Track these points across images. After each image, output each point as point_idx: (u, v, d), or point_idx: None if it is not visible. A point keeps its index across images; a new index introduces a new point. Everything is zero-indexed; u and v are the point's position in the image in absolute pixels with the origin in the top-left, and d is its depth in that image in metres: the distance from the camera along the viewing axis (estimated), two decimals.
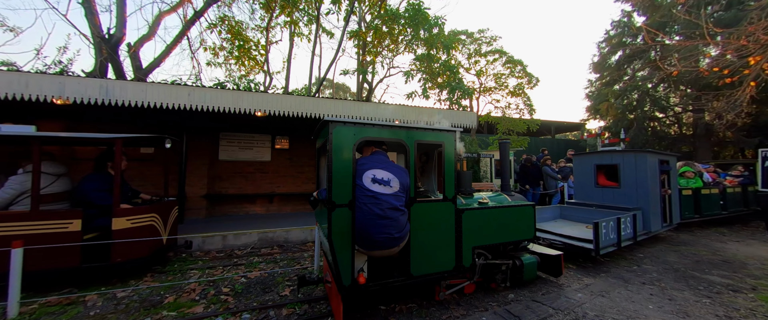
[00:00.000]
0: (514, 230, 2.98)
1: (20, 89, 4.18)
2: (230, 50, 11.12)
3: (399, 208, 2.13)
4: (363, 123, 2.34)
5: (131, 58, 9.19)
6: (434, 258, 2.52)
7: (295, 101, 5.52)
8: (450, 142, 2.62)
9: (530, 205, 3.11)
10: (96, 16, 8.24)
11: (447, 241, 2.58)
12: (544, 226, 4.81)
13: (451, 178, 2.58)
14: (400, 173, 2.25)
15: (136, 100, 4.61)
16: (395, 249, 2.15)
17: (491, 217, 2.86)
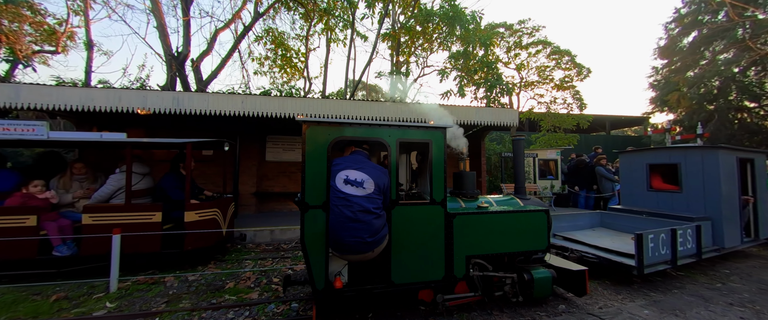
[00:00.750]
0: (520, 238, 2.56)
1: (115, 103, 5.06)
2: (274, 59, 12.04)
3: (372, 211, 2.01)
4: (338, 122, 2.25)
5: (194, 72, 10.47)
6: (420, 266, 2.31)
7: (333, 104, 5.79)
8: (438, 140, 2.39)
9: (542, 210, 2.64)
10: (167, 37, 9.58)
11: (435, 248, 2.34)
12: (577, 235, 4.18)
13: (439, 179, 2.37)
14: (376, 174, 2.12)
15: (201, 108, 5.26)
16: (369, 254, 2.04)
17: (491, 223, 2.49)
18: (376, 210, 2.04)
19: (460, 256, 2.41)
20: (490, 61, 9.43)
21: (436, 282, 2.36)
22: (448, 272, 2.38)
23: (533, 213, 2.63)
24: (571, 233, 4.32)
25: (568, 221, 4.64)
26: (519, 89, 15.50)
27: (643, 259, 3.11)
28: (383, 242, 2.11)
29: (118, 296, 3.02)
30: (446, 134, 2.45)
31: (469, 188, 2.81)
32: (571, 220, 4.69)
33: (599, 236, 4.31)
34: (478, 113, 6.36)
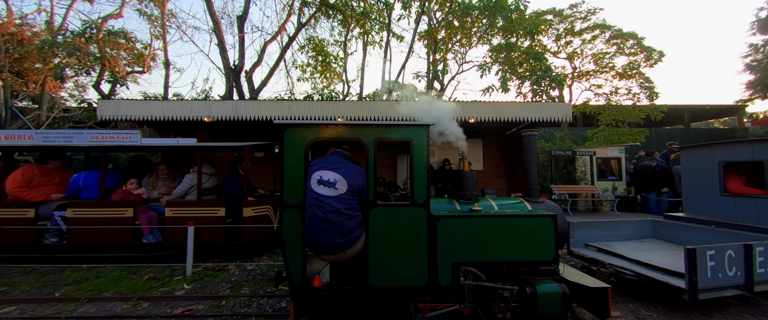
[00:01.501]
0: (520, 247, 2.26)
1: (187, 112, 5.85)
2: (315, 66, 12.75)
3: (343, 212, 1.99)
4: (315, 123, 2.31)
5: (247, 82, 11.59)
6: (399, 270, 2.21)
7: (370, 105, 5.91)
8: (421, 138, 2.26)
9: (547, 216, 2.30)
10: (226, 53, 10.76)
11: (416, 252, 2.21)
12: (618, 246, 3.49)
13: (421, 180, 2.24)
14: (350, 175, 2.09)
15: (255, 114, 5.80)
16: (342, 255, 2.04)
17: (482, 228, 2.24)
18: (348, 211, 2.02)
19: (446, 262, 2.22)
20: (537, 52, 8.70)
21: (417, 288, 2.24)
22: (431, 278, 2.21)
23: (536, 219, 2.28)
24: (609, 243, 3.61)
25: (609, 230, 3.87)
26: (571, 80, 14.02)
27: (697, 280, 2.47)
28: (356, 243, 2.08)
29: (193, 279, 3.48)
30: (429, 132, 2.30)
31: (468, 189, 2.64)
32: (612, 228, 3.88)
33: (647, 249, 3.54)
34: (524, 109, 5.91)
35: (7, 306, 2.83)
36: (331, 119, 5.99)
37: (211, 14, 10.64)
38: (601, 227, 3.85)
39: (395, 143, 2.66)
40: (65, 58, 11.73)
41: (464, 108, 5.68)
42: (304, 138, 2.26)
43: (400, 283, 2.23)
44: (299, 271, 2.17)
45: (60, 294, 3.08)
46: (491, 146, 8.00)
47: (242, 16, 11.09)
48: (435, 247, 2.23)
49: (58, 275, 3.61)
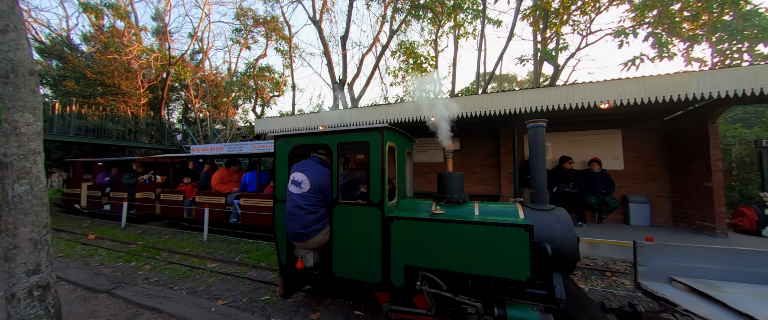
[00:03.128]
0: (484, 259, 1.93)
1: (307, 123, 7.14)
2: (406, 69, 13.14)
3: (303, 207, 2.33)
4: (294, 134, 2.61)
5: (349, 93, 13.16)
6: (358, 265, 2.28)
7: (465, 101, 5.51)
8: (375, 140, 2.27)
9: (519, 226, 1.86)
10: (332, 70, 12.59)
11: (372, 250, 2.23)
12: (730, 291, 1.98)
13: (376, 180, 2.22)
14: (313, 176, 2.39)
15: (357, 120, 6.48)
16: (306, 243, 2.37)
17: (438, 233, 2.03)
18: (308, 206, 2.33)
19: (398, 264, 2.15)
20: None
21: (372, 284, 2.25)
22: (384, 277, 2.20)
23: (504, 228, 1.89)
24: (714, 283, 2.10)
25: (729, 262, 2.15)
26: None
27: None
28: (317, 235, 2.34)
29: None
30: (384, 133, 2.25)
31: (452, 191, 2.45)
32: (737, 260, 2.13)
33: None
34: (701, 81, 4.04)
35: (212, 262, 4.22)
36: (423, 119, 5.98)
37: (322, 40, 12.69)
38: (714, 256, 2.21)
39: (349, 146, 2.64)
40: (238, 92, 16.72)
41: (591, 90, 4.43)
42: (287, 146, 2.63)
43: (358, 277, 2.30)
44: (284, 253, 2.57)
45: (238, 258, 4.35)
46: (637, 137, 5.94)
47: (344, 35, 12.70)
48: (388, 247, 2.19)
49: (237, 245, 5.12)
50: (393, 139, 2.49)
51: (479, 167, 7.56)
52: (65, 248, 4.98)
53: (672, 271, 2.19)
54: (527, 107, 4.83)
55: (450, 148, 2.69)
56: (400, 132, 2.74)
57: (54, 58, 13.83)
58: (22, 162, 1.93)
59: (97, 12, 14.45)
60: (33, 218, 1.94)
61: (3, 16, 1.89)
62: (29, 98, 1.97)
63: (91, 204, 8.51)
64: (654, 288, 2.13)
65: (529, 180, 5.77)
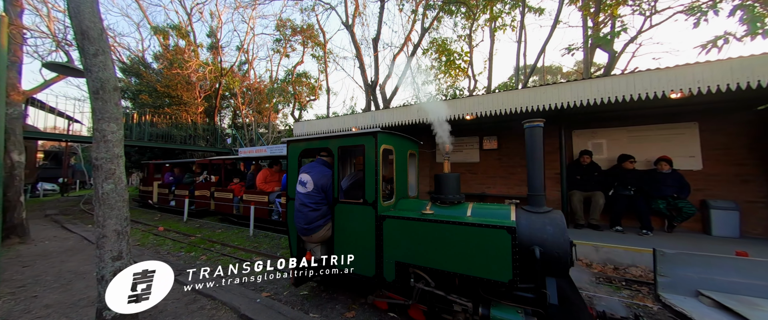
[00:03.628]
0: (469, 259, 1.92)
1: (342, 125, 7.36)
2: (439, 67, 12.84)
3: (307, 204, 2.55)
4: (303, 138, 2.85)
5: (381, 94, 13.28)
6: (356, 259, 2.43)
7: (503, 97, 5.17)
8: (370, 144, 2.41)
9: (501, 228, 1.83)
10: (364, 72, 12.81)
11: (367, 246, 2.39)
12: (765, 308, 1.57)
13: (371, 180, 2.37)
14: (317, 176, 2.60)
15: (389, 121, 6.49)
16: (311, 237, 2.59)
17: (425, 232, 2.12)
18: (312, 204, 2.55)
19: (390, 260, 2.29)
20: None
21: (367, 277, 2.40)
22: (378, 271, 2.35)
23: (486, 230, 1.91)
24: (749, 299, 1.77)
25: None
26: None
27: None
28: (319, 230, 2.56)
29: None
30: (377, 137, 2.38)
31: (448, 192, 2.46)
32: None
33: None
34: None
35: (257, 257, 4.56)
36: (457, 118, 5.76)
37: (354, 43, 13.00)
38: (754, 270, 1.84)
39: (348, 149, 2.76)
40: (278, 98, 17.92)
41: (658, 78, 3.81)
42: (297, 149, 2.91)
43: (356, 270, 2.43)
44: (295, 246, 2.83)
45: (279, 254, 4.64)
46: (720, 131, 4.96)
47: (376, 37, 12.85)
48: (381, 244, 2.31)
49: (279, 241, 5.46)
50: (390, 142, 2.58)
51: (520, 168, 7.05)
52: (141, 238, 5.80)
53: (700, 284, 1.92)
54: (576, 100, 4.36)
55: (448, 150, 2.71)
56: (400, 135, 2.79)
57: (132, 75, 16.27)
58: (109, 165, 2.27)
59: (164, 34, 16.67)
60: (117, 213, 2.28)
61: (94, 42, 2.26)
62: (114, 111, 2.32)
63: (160, 200, 9.82)
64: (673, 301, 1.86)
65: (579, 181, 5.24)
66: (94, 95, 2.27)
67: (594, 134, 5.88)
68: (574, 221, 5.24)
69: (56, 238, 5.68)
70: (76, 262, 4.18)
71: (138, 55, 17.15)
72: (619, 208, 4.89)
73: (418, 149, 3.34)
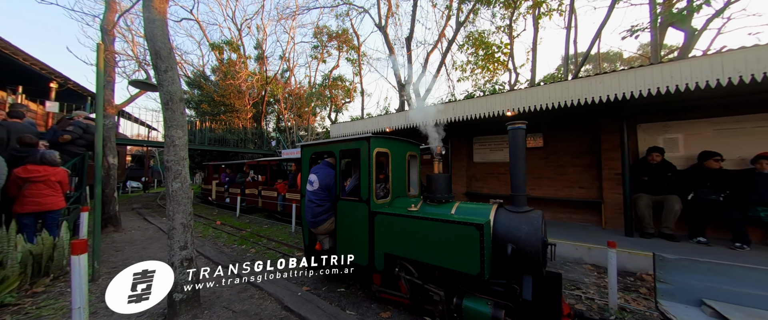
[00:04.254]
0: (445, 253, 2.10)
1: (376, 126, 7.45)
2: (475, 62, 12.26)
3: (313, 201, 2.92)
4: (313, 143, 3.29)
5: (415, 94, 13.14)
6: (354, 250, 2.71)
7: (550, 90, 4.72)
8: (364, 148, 2.65)
9: (471, 224, 1.96)
10: (398, 72, 12.81)
11: (362, 238, 2.65)
12: None
13: (365, 180, 2.62)
14: (322, 177, 2.94)
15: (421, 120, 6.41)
16: (317, 230, 2.97)
17: (409, 227, 2.31)
18: (317, 201, 2.89)
19: (380, 251, 2.51)
20: None
21: (362, 267, 2.64)
22: (371, 261, 2.58)
23: (459, 226, 2.03)
24: (759, 312, 1.56)
25: None
26: None
27: None
28: (323, 224, 2.90)
29: None
30: (370, 142, 2.61)
31: (438, 191, 2.60)
32: None
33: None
34: None
35: (298, 251, 4.85)
36: (496, 115, 5.42)
37: (387, 44, 13.08)
38: (762, 278, 1.62)
39: (349, 152, 2.94)
40: (316, 102, 18.87)
41: (755, 58, 3.09)
42: (308, 153, 3.34)
43: (354, 260, 2.70)
44: (307, 237, 3.27)
45: None
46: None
47: (409, 36, 12.76)
48: (373, 236, 2.55)
49: None
50: (384, 145, 2.78)
51: (570, 168, 6.38)
52: (202, 230, 6.57)
53: (705, 293, 1.79)
54: (643, 88, 3.79)
55: (439, 151, 2.87)
56: (396, 139, 2.99)
57: (195, 87, 18.57)
58: (176, 166, 2.61)
59: (219, 49, 18.71)
60: (183, 208, 2.61)
61: (164, 60, 2.61)
62: (180, 119, 2.66)
63: (218, 197, 11.05)
64: (670, 309, 1.74)
65: (647, 183, 4.55)
66: (164, 106, 2.63)
67: (666, 128, 5.05)
68: (640, 229, 4.57)
69: (139, 228, 6.74)
70: (154, 249, 4.91)
71: (199, 70, 19.52)
72: (703, 215, 4.10)
73: (419, 151, 3.56)
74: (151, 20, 2.59)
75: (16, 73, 7.76)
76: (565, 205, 6.32)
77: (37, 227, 3.64)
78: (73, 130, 5.10)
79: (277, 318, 2.62)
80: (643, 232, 4.52)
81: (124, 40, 9.18)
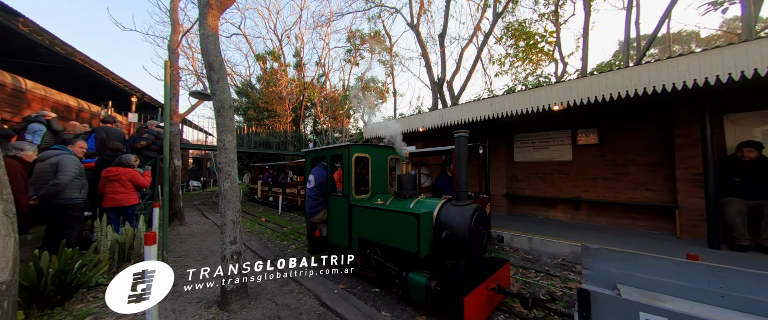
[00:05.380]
0: (395, 236, 2.73)
1: (408, 126, 7.37)
2: (515, 53, 11.45)
3: (309, 196, 3.70)
4: (313, 150, 4.06)
5: (449, 91, 12.74)
6: (341, 236, 3.39)
7: (606, 80, 4.15)
8: (346, 154, 3.24)
9: (411, 214, 2.57)
10: (430, 70, 12.53)
11: (344, 226, 3.31)
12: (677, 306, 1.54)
13: (348, 179, 3.22)
14: (317, 176, 3.69)
15: (458, 119, 6.15)
16: (314, 218, 3.75)
17: (373, 216, 2.96)
18: (313, 196, 3.66)
19: (356, 236, 3.16)
20: None
21: (344, 249, 3.35)
22: (350, 244, 3.25)
23: (403, 215, 2.66)
24: (667, 297, 1.75)
25: (700, 280, 1.70)
26: None
27: None
28: (318, 214, 3.68)
29: None
30: (350, 150, 3.23)
31: (404, 188, 3.15)
32: (706, 279, 1.67)
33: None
34: None
35: None
36: (542, 109, 4.96)
37: (420, 42, 12.89)
38: (668, 267, 1.81)
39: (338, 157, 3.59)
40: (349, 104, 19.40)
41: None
42: (309, 157, 4.10)
43: (340, 243, 3.39)
44: (309, 225, 4.00)
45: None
46: None
47: (442, 33, 12.41)
48: (351, 224, 3.19)
49: None
50: (364, 151, 3.37)
51: (632, 167, 5.59)
52: (249, 226, 7.15)
53: (619, 279, 2.00)
54: (733, 71, 3.14)
55: (406, 156, 3.63)
56: (376, 145, 3.58)
57: (243, 95, 20.40)
58: (227, 167, 2.86)
59: (263, 59, 20.29)
60: (232, 206, 2.84)
61: (216, 71, 2.88)
62: (230, 125, 2.91)
63: (262, 196, 11.95)
64: (590, 292, 1.75)
65: (738, 185, 3.78)
66: (217, 113, 2.89)
67: (764, 117, 4.14)
68: (730, 240, 3.81)
69: (199, 222, 7.58)
70: (210, 242, 5.47)
71: (246, 79, 21.41)
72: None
73: (401, 154, 3.91)
74: (205, 36, 2.88)
75: (106, 90, 9.32)
76: (626, 209, 5.54)
77: (120, 220, 4.29)
78: (147, 137, 5.94)
79: (315, 313, 2.71)
80: (733, 244, 3.76)
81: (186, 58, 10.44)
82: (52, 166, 3.49)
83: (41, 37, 5.76)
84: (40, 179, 3.46)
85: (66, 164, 3.52)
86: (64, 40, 6.01)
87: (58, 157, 3.55)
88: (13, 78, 6.18)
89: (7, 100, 6.03)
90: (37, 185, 3.44)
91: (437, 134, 8.36)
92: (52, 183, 3.40)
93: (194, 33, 9.59)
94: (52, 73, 7.68)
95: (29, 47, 6.10)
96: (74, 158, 3.69)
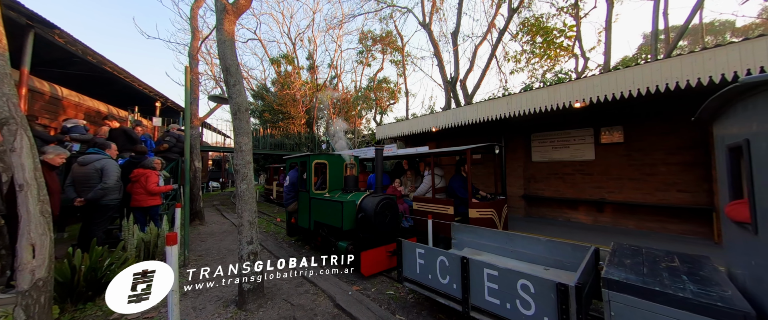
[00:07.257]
0: (330, 217, 4.14)
1: (421, 126, 7.28)
2: (532, 50, 11.08)
3: (286, 191, 5.21)
4: (292, 156, 5.47)
5: (462, 90, 12.51)
6: (304, 220, 4.77)
7: (632, 75, 3.91)
8: (308, 160, 4.64)
9: (338, 202, 4.00)
10: (443, 69, 12.35)
11: (306, 212, 4.68)
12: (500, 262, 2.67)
13: (310, 179, 4.62)
14: (291, 176, 5.20)
15: (472, 118, 6.00)
16: (288, 207, 5.28)
17: (321, 205, 4.37)
18: (288, 191, 5.19)
19: (313, 219, 4.53)
20: None
21: (305, 230, 4.82)
22: (309, 225, 4.62)
23: (333, 202, 4.11)
24: (484, 253, 3.10)
25: (502, 241, 3.05)
26: None
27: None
28: (290, 204, 5.22)
29: None
30: (310, 158, 4.67)
31: (348, 186, 4.59)
32: (506, 241, 3.02)
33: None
34: None
35: None
36: (562, 107, 4.75)
37: (432, 41, 12.74)
38: (493, 237, 3.12)
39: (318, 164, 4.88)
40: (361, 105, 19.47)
41: None
42: (288, 162, 5.49)
43: (305, 225, 4.81)
44: (287, 215, 5.49)
45: None
46: None
47: (455, 31, 12.21)
48: (310, 211, 4.59)
49: None
50: (323, 159, 4.81)
51: (663, 167, 5.25)
52: (265, 226, 7.31)
53: (469, 244, 3.24)
54: None
55: (351, 162, 5.04)
56: (334, 154, 4.99)
57: (259, 98, 20.96)
58: (244, 169, 2.92)
59: (277, 63, 20.77)
60: (249, 206, 2.89)
61: (233, 75, 2.94)
62: (246, 127, 2.97)
63: (278, 196, 12.20)
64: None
65: None
66: (233, 116, 2.96)
67: None
68: None
69: (218, 222, 7.83)
70: (229, 242, 5.62)
71: (262, 83, 21.99)
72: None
73: (358, 159, 5.33)
74: (222, 41, 2.95)
75: (133, 96, 9.83)
76: (656, 212, 5.21)
77: (146, 219, 4.49)
78: (169, 140, 6.20)
79: (330, 315, 2.71)
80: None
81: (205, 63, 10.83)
82: (97, 171, 3.72)
83: (75, 48, 6.15)
84: (86, 182, 3.69)
85: (110, 168, 3.76)
86: (94, 50, 6.40)
87: (102, 162, 3.79)
88: (51, 86, 6.64)
89: (46, 107, 6.49)
90: (82, 187, 3.67)
91: (451, 134, 8.22)
92: (101, 187, 3.63)
93: (213, 39, 9.94)
94: (84, 81, 8.21)
95: (65, 57, 6.54)
96: (114, 162, 3.93)
